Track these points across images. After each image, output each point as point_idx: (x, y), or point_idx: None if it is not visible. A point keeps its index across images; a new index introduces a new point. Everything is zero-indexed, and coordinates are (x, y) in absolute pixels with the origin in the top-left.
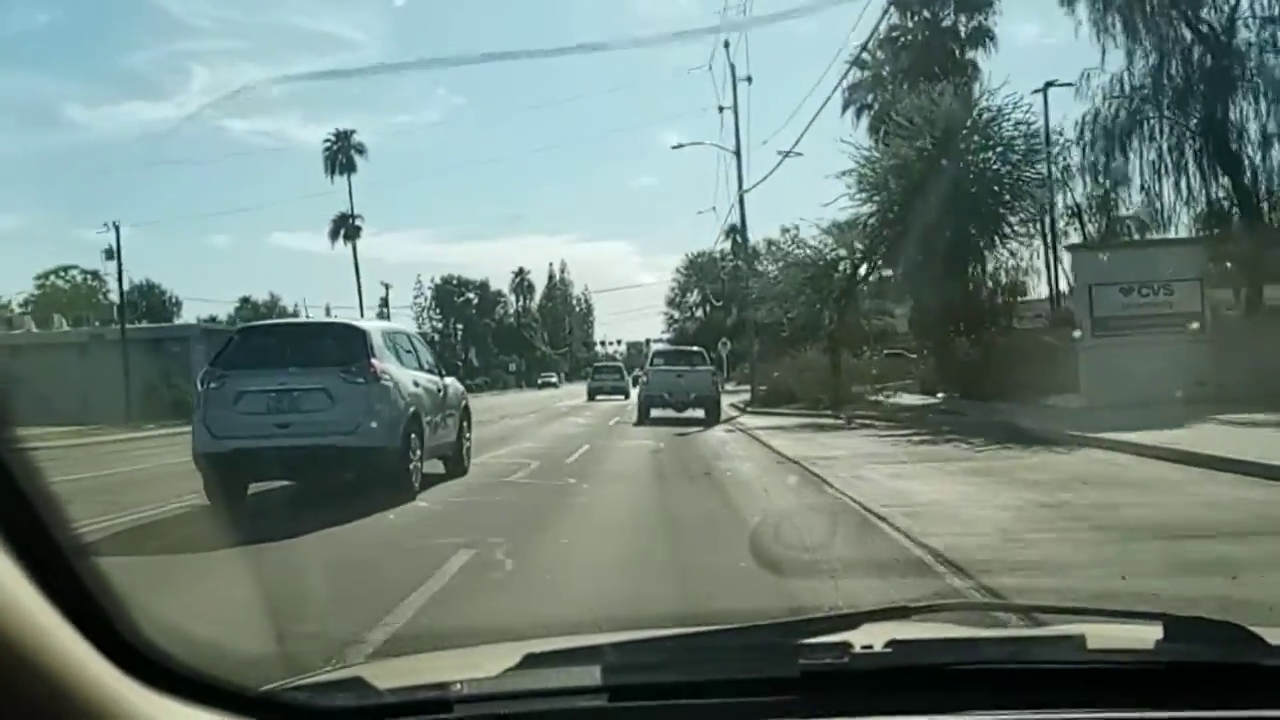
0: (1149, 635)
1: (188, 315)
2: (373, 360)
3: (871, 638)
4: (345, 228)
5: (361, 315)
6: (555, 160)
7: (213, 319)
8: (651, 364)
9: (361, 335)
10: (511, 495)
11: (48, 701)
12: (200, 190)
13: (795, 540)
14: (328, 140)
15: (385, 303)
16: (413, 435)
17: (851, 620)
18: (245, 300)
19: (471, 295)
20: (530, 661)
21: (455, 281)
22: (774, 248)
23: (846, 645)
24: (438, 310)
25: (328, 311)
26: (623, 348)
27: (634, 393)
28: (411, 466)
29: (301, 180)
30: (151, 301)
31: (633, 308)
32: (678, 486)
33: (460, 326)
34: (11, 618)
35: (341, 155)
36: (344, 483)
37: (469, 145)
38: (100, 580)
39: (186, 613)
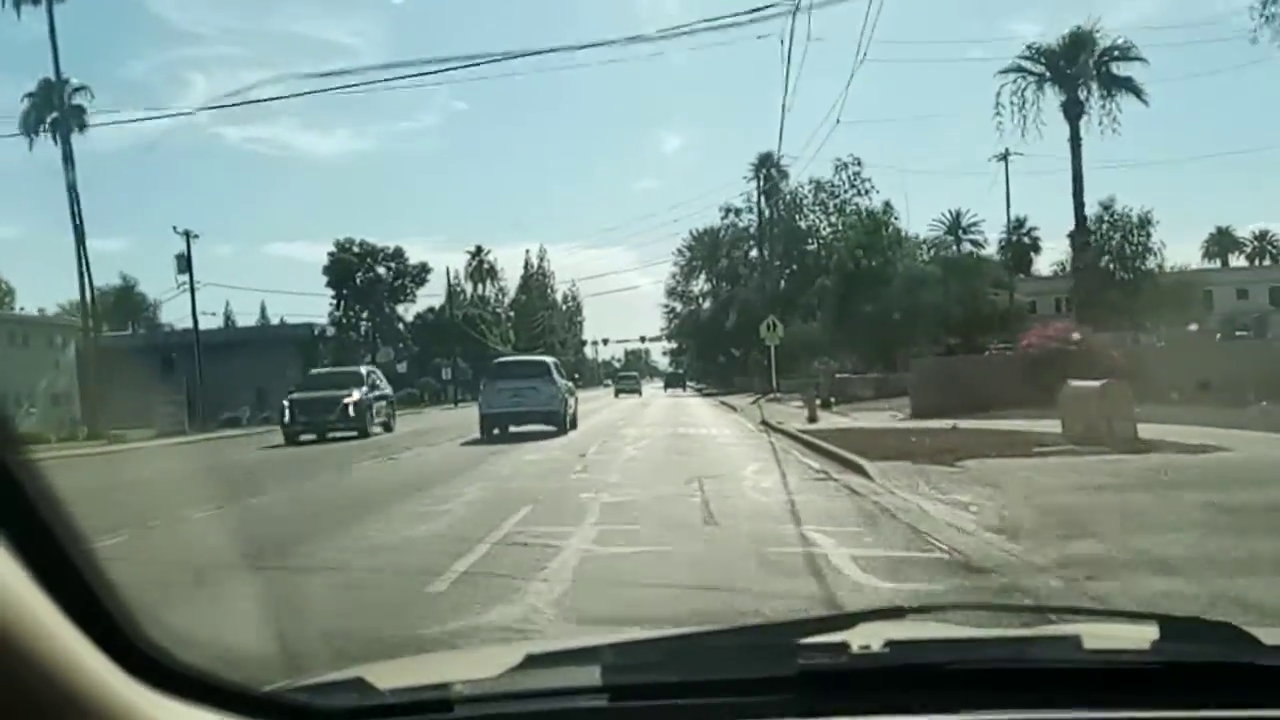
0: (1145, 635)
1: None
2: (554, 375)
3: (869, 638)
4: (59, 113)
5: (85, 275)
6: (554, 166)
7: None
8: None
9: (547, 364)
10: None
11: (50, 702)
12: (194, 197)
13: None
14: None
15: (187, 262)
16: (567, 407)
17: (849, 620)
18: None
19: (381, 270)
20: (531, 662)
21: (355, 249)
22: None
23: (844, 645)
24: (332, 293)
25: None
26: (613, 349)
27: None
28: (567, 422)
29: (303, 189)
30: None
31: (628, 310)
32: None
33: (365, 315)
34: (14, 617)
35: None
36: (538, 430)
37: (469, 152)
38: (104, 579)
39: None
